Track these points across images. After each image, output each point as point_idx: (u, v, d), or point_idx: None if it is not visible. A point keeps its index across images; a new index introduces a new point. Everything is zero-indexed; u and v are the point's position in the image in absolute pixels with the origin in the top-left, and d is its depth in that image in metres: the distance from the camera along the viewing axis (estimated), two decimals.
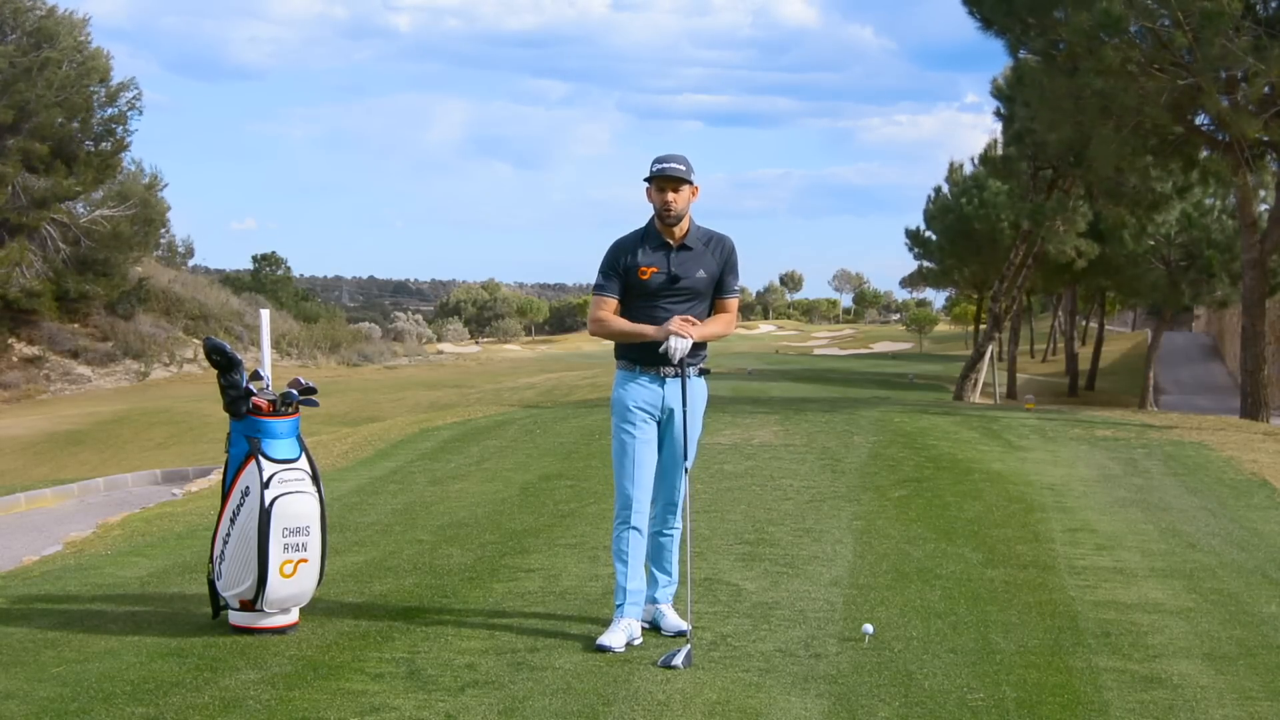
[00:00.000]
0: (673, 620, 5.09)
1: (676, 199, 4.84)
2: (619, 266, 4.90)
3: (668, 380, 4.92)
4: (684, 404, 4.90)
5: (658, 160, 4.87)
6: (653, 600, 5.14)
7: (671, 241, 4.92)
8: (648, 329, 4.86)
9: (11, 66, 33.68)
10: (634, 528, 4.91)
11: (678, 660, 4.58)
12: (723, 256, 4.97)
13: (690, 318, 4.85)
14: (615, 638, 4.82)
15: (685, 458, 4.96)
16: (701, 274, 4.91)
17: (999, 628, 5.23)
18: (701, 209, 4.72)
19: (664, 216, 4.86)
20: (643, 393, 4.92)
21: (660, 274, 4.87)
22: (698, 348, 4.94)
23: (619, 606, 4.93)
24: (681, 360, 4.82)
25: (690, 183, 4.86)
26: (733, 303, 5.05)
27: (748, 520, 7.61)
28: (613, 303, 4.92)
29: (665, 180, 4.83)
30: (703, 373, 5.08)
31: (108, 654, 4.75)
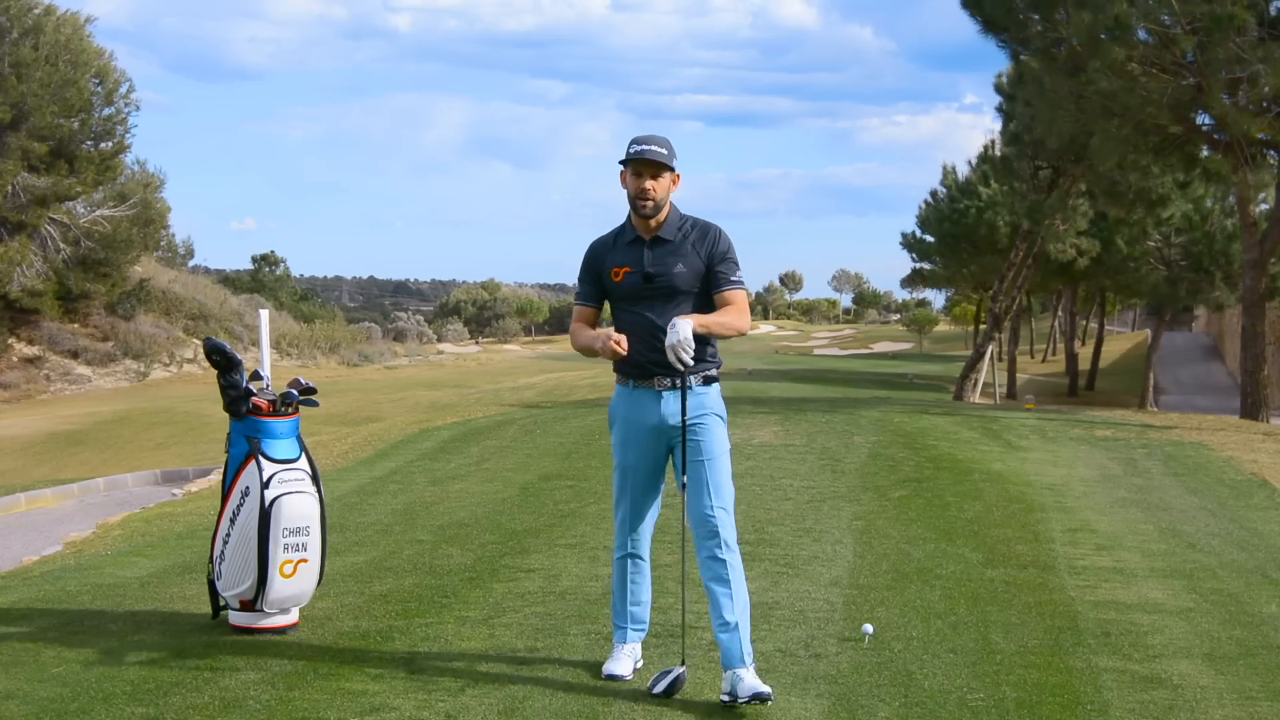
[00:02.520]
0: (751, 684, 4.08)
1: (655, 186, 4.25)
2: (594, 270, 4.41)
3: (665, 394, 4.30)
4: (683, 420, 4.27)
5: (635, 141, 4.28)
6: (727, 667, 4.19)
7: (645, 235, 4.35)
8: (595, 340, 4.29)
9: (9, 67, 33.68)
10: (631, 555, 4.48)
11: (659, 687, 4.19)
12: (707, 247, 4.31)
13: (620, 335, 4.22)
14: (622, 665, 4.44)
15: (708, 492, 4.29)
16: (681, 269, 4.27)
17: (999, 628, 5.23)
18: (701, 209, 4.48)
19: (640, 206, 4.27)
20: (639, 410, 4.34)
21: (633, 273, 4.30)
22: (702, 348, 4.24)
23: (619, 630, 4.52)
24: (685, 366, 4.11)
25: (671, 169, 4.28)
26: (736, 294, 4.32)
27: (748, 520, 7.61)
28: (588, 312, 4.45)
29: (644, 164, 4.24)
30: (709, 381, 4.37)
31: (108, 654, 4.75)
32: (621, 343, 4.19)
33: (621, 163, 4.31)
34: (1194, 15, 14.91)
